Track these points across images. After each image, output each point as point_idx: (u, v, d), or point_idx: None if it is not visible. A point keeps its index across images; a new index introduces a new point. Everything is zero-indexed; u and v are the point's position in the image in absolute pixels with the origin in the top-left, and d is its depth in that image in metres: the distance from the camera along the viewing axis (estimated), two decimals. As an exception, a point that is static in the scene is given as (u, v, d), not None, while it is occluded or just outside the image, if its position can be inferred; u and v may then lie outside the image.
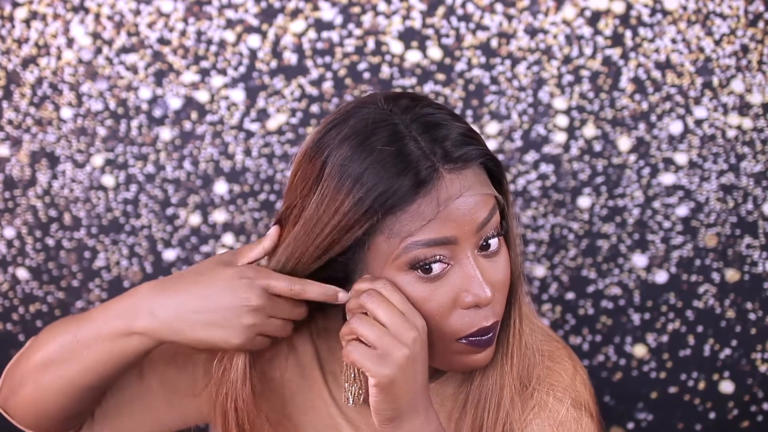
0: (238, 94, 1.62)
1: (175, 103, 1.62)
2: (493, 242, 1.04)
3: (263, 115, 1.62)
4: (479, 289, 1.02)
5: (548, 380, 1.11)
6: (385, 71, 1.61)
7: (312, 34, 1.60)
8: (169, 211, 1.65)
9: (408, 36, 1.60)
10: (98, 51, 1.61)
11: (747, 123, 1.59)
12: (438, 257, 1.01)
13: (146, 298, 1.06)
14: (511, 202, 1.09)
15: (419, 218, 1.00)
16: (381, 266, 1.03)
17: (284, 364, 1.17)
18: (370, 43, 1.60)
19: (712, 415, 1.66)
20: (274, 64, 1.61)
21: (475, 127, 1.60)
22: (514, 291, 1.09)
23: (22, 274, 1.67)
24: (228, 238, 1.65)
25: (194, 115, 1.62)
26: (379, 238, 1.02)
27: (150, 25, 1.60)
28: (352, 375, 1.05)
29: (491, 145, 1.61)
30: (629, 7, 1.57)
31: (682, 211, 1.62)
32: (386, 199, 0.99)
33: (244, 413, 1.10)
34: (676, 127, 1.60)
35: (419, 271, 1.02)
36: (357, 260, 1.05)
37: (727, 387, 1.65)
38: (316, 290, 1.06)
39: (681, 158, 1.61)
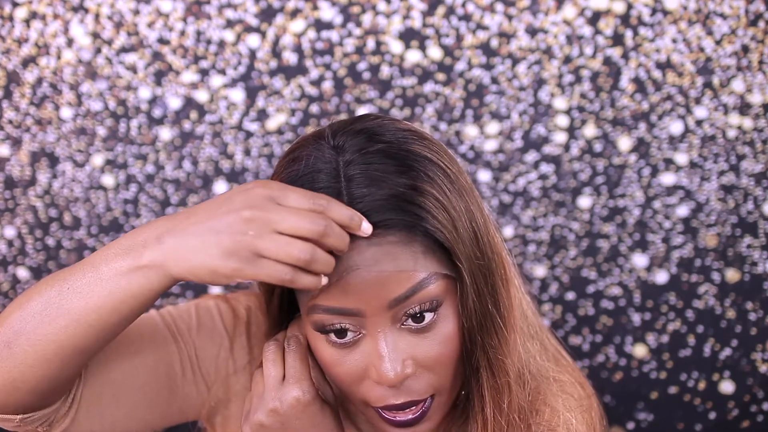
0: (237, 94, 1.62)
1: (174, 103, 1.62)
2: (428, 315, 0.94)
3: (263, 115, 1.62)
4: (383, 369, 0.93)
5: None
6: (385, 71, 1.60)
7: (311, 33, 1.60)
8: (169, 210, 1.65)
9: (408, 36, 1.59)
10: (98, 51, 1.61)
11: (747, 123, 1.59)
12: (344, 326, 0.94)
13: (155, 226, 0.89)
14: (471, 272, 0.95)
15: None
16: (302, 312, 0.99)
17: None
18: (370, 43, 1.60)
19: (712, 415, 1.66)
20: (273, 63, 1.61)
21: (474, 128, 1.60)
22: (479, 357, 0.98)
23: (22, 273, 1.67)
24: (228, 238, 1.65)
25: (194, 115, 1.62)
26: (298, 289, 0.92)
27: (149, 25, 1.60)
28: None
29: (491, 145, 1.61)
30: (630, 6, 1.57)
31: (683, 211, 1.62)
32: None
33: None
34: (676, 127, 1.60)
35: (331, 334, 0.95)
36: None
37: (727, 387, 1.65)
38: (343, 212, 0.89)
39: (681, 158, 1.60)
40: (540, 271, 1.64)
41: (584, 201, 1.62)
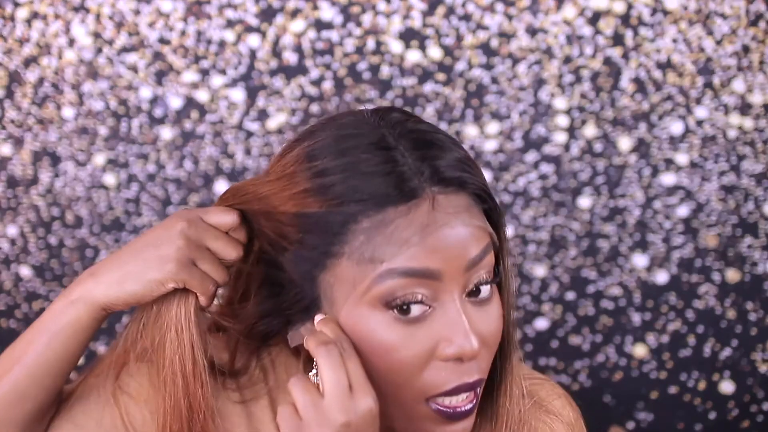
0: (237, 94, 1.62)
1: (175, 103, 1.63)
2: (485, 289, 0.89)
3: (263, 115, 1.62)
4: (464, 339, 0.87)
5: None
6: (385, 71, 1.60)
7: (312, 33, 1.60)
8: (170, 210, 1.66)
9: (408, 36, 1.60)
10: (99, 51, 1.62)
11: (748, 123, 1.58)
12: (418, 296, 0.87)
13: (89, 269, 0.96)
14: (507, 249, 0.94)
15: (398, 242, 0.86)
16: (344, 300, 0.88)
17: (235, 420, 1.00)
18: (370, 43, 1.60)
19: (712, 416, 1.66)
20: (273, 63, 1.61)
21: (474, 128, 1.60)
22: (505, 347, 0.95)
23: (24, 272, 1.68)
24: (228, 238, 1.65)
25: (194, 115, 1.63)
26: (345, 262, 0.87)
27: (150, 25, 1.61)
28: None
29: (491, 145, 1.61)
30: (630, 6, 1.57)
31: (683, 211, 1.62)
32: (360, 198, 0.86)
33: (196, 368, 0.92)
34: (677, 127, 1.60)
35: (395, 310, 0.87)
36: (315, 287, 0.90)
37: (727, 387, 1.65)
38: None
39: (682, 158, 1.60)
40: (540, 271, 1.65)
41: (584, 201, 1.62)
